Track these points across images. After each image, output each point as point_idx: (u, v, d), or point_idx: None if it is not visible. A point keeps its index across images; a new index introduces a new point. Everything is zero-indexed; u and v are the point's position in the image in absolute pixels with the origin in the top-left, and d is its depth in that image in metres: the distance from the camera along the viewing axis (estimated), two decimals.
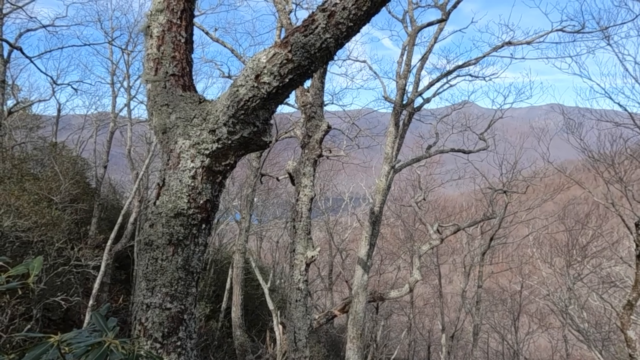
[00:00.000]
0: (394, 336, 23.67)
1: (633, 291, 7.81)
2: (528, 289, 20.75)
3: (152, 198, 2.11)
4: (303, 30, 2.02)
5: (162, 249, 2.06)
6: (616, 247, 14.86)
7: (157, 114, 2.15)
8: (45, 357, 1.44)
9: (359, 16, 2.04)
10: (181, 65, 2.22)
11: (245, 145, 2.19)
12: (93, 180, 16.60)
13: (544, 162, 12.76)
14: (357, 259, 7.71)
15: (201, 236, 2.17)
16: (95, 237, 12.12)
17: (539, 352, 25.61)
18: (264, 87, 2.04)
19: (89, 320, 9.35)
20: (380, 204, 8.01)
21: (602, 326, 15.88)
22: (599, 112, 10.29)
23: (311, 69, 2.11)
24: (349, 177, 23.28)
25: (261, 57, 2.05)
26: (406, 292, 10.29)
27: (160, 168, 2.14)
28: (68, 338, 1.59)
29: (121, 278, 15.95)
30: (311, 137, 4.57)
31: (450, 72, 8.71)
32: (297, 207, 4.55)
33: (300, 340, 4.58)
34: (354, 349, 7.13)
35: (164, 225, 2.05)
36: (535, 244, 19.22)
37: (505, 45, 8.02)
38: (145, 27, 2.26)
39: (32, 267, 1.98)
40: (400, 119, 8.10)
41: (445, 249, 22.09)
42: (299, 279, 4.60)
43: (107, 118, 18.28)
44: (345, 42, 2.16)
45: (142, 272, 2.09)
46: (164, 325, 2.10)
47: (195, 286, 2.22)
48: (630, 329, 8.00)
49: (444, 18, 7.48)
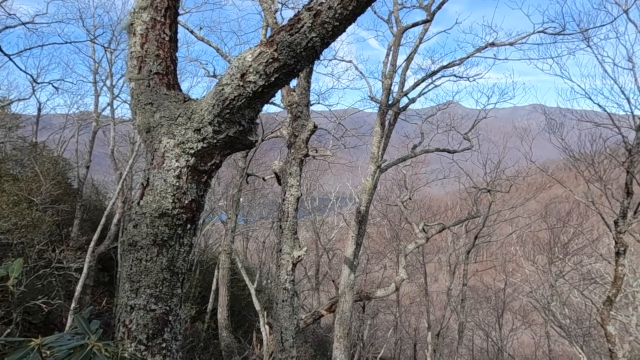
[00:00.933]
0: (380, 335, 23.80)
1: (612, 287, 8.00)
2: (512, 287, 21.09)
3: (136, 198, 2.08)
4: (289, 29, 2.01)
5: (147, 249, 2.03)
6: (596, 244, 15.20)
7: (140, 113, 2.12)
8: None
9: (345, 15, 2.05)
10: (165, 63, 2.19)
11: (231, 145, 2.18)
12: (75, 180, 16.28)
13: (526, 161, 12.99)
14: (344, 259, 7.73)
15: (186, 236, 2.14)
16: (77, 239, 11.90)
17: (522, 349, 26.05)
18: (250, 86, 2.02)
19: (71, 324, 9.18)
20: (366, 204, 8.04)
21: (583, 322, 16.23)
22: (580, 113, 10.52)
23: (297, 68, 2.11)
24: (336, 176, 23.32)
25: (247, 55, 2.04)
26: (392, 291, 10.36)
27: (145, 168, 2.11)
28: (49, 341, 1.55)
29: (104, 280, 15.70)
30: (297, 137, 4.56)
31: (435, 72, 8.80)
32: (284, 207, 4.53)
33: (287, 340, 4.57)
34: (341, 349, 7.14)
35: (148, 226, 2.02)
36: (519, 242, 19.54)
37: (489, 46, 8.15)
38: (128, 25, 2.23)
39: (12, 269, 1.93)
40: (386, 119, 8.16)
41: (431, 247, 22.29)
42: (286, 278, 4.59)
43: (89, 117, 17.95)
44: (331, 42, 2.16)
45: (126, 273, 2.06)
46: (148, 327, 2.07)
47: (180, 287, 2.19)
48: (610, 324, 8.19)
49: (428, 19, 7.55)
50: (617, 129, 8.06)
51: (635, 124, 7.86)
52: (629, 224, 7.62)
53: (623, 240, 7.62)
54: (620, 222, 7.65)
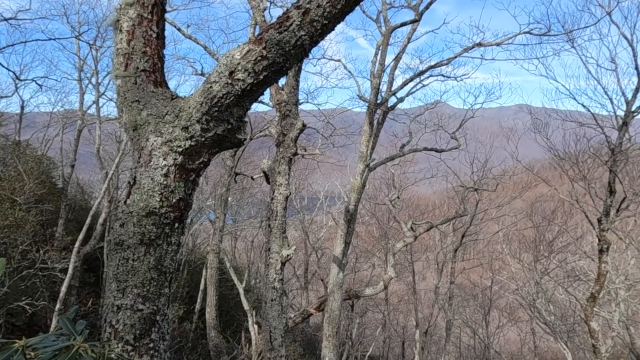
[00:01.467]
0: (369, 333, 23.91)
1: (596, 284, 8.15)
2: (498, 284, 21.37)
3: (123, 197, 2.05)
4: (277, 27, 2.01)
5: (134, 248, 2.01)
6: (580, 242, 15.47)
7: (127, 111, 2.09)
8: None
9: (334, 14, 2.05)
10: (152, 60, 2.16)
11: (219, 143, 2.16)
12: (60, 180, 16.00)
13: (513, 160, 13.17)
14: (333, 257, 7.75)
15: (174, 235, 2.12)
16: (62, 239, 11.70)
17: (508, 345, 26.41)
18: (238, 83, 2.01)
19: (55, 325, 9.02)
20: (355, 203, 8.06)
21: (567, 318, 16.52)
22: (564, 113, 10.69)
23: (286, 66, 2.10)
24: (325, 175, 23.34)
25: (235, 53, 2.03)
26: (381, 289, 10.40)
27: (131, 166, 2.08)
28: (33, 343, 1.53)
29: (90, 281, 15.47)
30: (286, 136, 4.56)
31: (423, 72, 8.87)
32: (273, 206, 4.52)
33: (276, 340, 4.56)
34: (330, 347, 7.16)
35: (135, 225, 2.00)
36: (505, 241, 19.80)
37: (476, 46, 8.24)
38: (114, 21, 2.20)
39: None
40: (374, 118, 8.19)
41: (419, 246, 22.44)
42: (275, 277, 4.58)
43: (74, 116, 17.65)
44: (320, 40, 2.16)
45: (113, 272, 2.03)
46: (135, 327, 2.04)
47: (168, 287, 2.17)
48: (593, 320, 8.34)
49: (417, 19, 7.60)
50: (601, 129, 8.21)
51: (617, 124, 8.02)
52: (611, 221, 7.77)
53: (606, 237, 7.77)
54: (604, 220, 7.80)
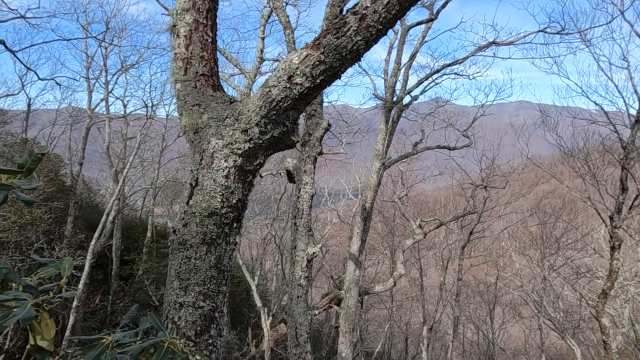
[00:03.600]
0: (372, 330, 24.02)
1: (607, 281, 8.22)
2: (503, 281, 21.46)
3: (185, 197, 2.12)
4: (335, 33, 2.06)
5: (196, 248, 2.07)
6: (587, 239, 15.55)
7: (187, 114, 2.15)
8: (103, 358, 1.45)
9: (389, 19, 2.10)
10: (210, 65, 2.22)
11: (275, 145, 2.22)
12: (68, 177, 16.07)
13: (521, 157, 13.21)
14: (349, 255, 7.82)
15: (232, 235, 2.19)
16: (73, 236, 11.77)
17: (511, 342, 26.53)
18: (296, 88, 2.07)
19: (72, 321, 9.12)
20: (371, 200, 8.13)
21: (572, 315, 16.62)
22: (573, 110, 10.74)
23: (341, 71, 2.16)
24: (331, 173, 23.40)
25: (293, 58, 2.08)
26: (391, 285, 10.49)
27: (192, 168, 2.14)
28: (119, 338, 1.59)
29: (98, 278, 15.55)
30: (312, 135, 4.61)
31: (438, 70, 8.91)
32: (298, 204, 4.58)
33: (301, 336, 4.63)
34: (347, 343, 7.24)
35: (197, 225, 2.06)
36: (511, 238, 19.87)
37: (492, 45, 8.27)
38: (171, 26, 2.25)
39: (63, 268, 1.96)
40: (390, 117, 8.24)
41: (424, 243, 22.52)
42: (301, 275, 4.64)
43: (80, 113, 17.69)
44: (373, 44, 2.21)
45: (175, 271, 2.10)
46: (197, 323, 2.11)
47: (225, 284, 2.24)
48: (604, 316, 8.41)
49: (432, 17, 7.63)
50: (613, 126, 8.26)
51: (630, 122, 8.07)
52: (624, 219, 7.84)
53: (618, 235, 7.83)
54: (616, 217, 7.86)
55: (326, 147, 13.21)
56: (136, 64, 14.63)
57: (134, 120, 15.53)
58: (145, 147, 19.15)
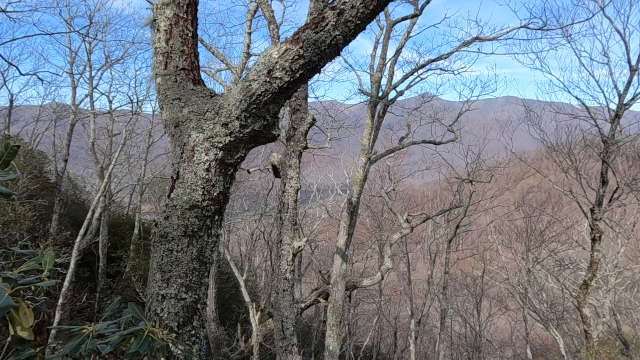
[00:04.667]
0: (361, 324, 24.20)
1: (589, 272, 8.41)
2: (489, 274, 21.77)
3: (167, 191, 2.14)
4: (314, 28, 2.10)
5: (178, 240, 2.10)
6: (570, 232, 15.85)
7: (168, 108, 2.17)
8: (84, 347, 1.47)
9: (367, 15, 2.14)
10: (190, 59, 2.24)
11: (256, 139, 2.25)
12: (52, 175, 15.85)
13: (506, 152, 13.41)
14: (336, 249, 7.89)
15: (214, 228, 2.22)
16: (59, 234, 11.64)
17: (498, 334, 26.97)
18: (276, 82, 2.10)
19: (58, 319, 9.04)
20: (358, 195, 8.19)
21: (556, 306, 16.96)
22: (556, 105, 10.93)
23: (321, 65, 2.19)
24: (319, 168, 23.43)
25: (273, 52, 2.11)
26: (379, 280, 10.60)
27: (174, 162, 2.16)
28: (100, 329, 1.62)
29: (85, 276, 15.40)
30: (297, 130, 4.64)
31: (424, 66, 9.00)
32: (284, 199, 4.62)
33: (288, 329, 4.68)
34: (334, 337, 7.32)
35: (179, 218, 2.08)
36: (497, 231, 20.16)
37: (475, 40, 8.39)
38: (151, 21, 2.26)
39: (45, 262, 1.98)
40: (376, 112, 8.30)
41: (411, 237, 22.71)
42: (287, 269, 4.68)
43: (65, 110, 17.43)
44: (352, 40, 2.25)
45: (157, 264, 2.12)
46: (179, 315, 2.14)
47: (207, 276, 2.27)
48: (586, 307, 8.62)
49: (417, 13, 7.70)
50: (594, 121, 8.43)
51: (610, 117, 8.25)
52: (604, 211, 8.02)
53: (599, 227, 8.02)
54: (597, 210, 8.04)
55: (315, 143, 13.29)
56: (121, 59, 14.44)
57: (119, 116, 15.37)
58: (132, 144, 18.96)
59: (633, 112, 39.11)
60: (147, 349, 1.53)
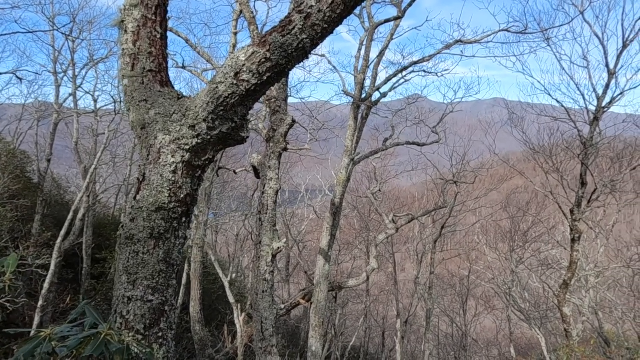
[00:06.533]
0: (349, 324, 24.26)
1: (568, 272, 8.56)
2: (475, 274, 22.00)
3: (133, 193, 2.13)
4: (281, 31, 2.11)
5: (144, 242, 2.09)
6: (553, 232, 16.08)
7: (135, 110, 2.16)
8: (39, 350, 1.47)
9: (333, 18, 2.16)
10: (158, 60, 2.24)
11: (224, 141, 2.26)
12: (35, 174, 15.60)
13: (490, 154, 13.56)
14: (319, 250, 7.91)
15: (181, 229, 2.22)
16: (40, 235, 11.47)
17: (484, 333, 27.26)
18: (243, 84, 2.11)
19: (38, 322, 8.91)
20: (340, 196, 8.23)
21: (540, 305, 17.20)
22: (539, 107, 11.08)
23: (288, 68, 2.21)
24: (306, 169, 23.44)
25: (240, 55, 2.12)
26: (364, 280, 10.62)
27: (140, 163, 2.16)
28: (58, 332, 1.61)
29: (68, 277, 15.19)
30: (276, 131, 4.65)
31: (406, 67, 9.07)
32: (263, 200, 4.62)
33: (267, 330, 4.68)
34: (317, 337, 7.34)
35: (145, 220, 2.08)
36: (482, 232, 20.38)
37: (457, 43, 8.48)
38: (119, 22, 2.25)
39: (8, 264, 1.96)
40: (359, 113, 8.35)
41: (399, 237, 22.86)
42: (266, 270, 4.69)
43: (48, 108, 17.17)
44: (320, 43, 2.27)
45: (123, 265, 2.11)
46: (146, 317, 2.13)
47: (175, 278, 2.27)
48: (565, 306, 8.76)
49: (399, 16, 7.76)
50: (573, 123, 8.58)
51: (589, 119, 8.40)
52: (583, 212, 8.16)
53: (578, 227, 8.16)
54: (576, 211, 8.18)
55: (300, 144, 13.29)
56: (106, 57, 14.26)
57: (104, 115, 15.19)
58: (117, 143, 18.75)
59: (613, 114, 39.49)
60: (105, 352, 1.52)
